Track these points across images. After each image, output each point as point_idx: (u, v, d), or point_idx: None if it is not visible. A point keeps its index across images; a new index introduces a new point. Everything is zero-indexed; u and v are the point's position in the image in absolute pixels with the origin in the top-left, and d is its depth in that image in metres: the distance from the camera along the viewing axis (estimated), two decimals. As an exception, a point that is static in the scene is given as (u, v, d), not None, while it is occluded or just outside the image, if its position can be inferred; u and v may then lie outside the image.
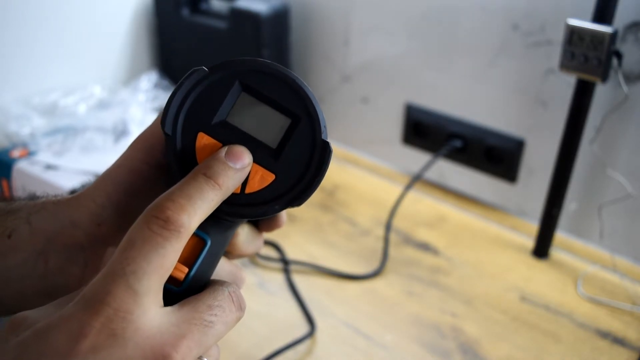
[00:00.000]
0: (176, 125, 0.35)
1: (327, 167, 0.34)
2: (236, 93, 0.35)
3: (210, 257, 0.35)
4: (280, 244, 0.86)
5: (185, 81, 0.35)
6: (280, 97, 0.35)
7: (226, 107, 0.35)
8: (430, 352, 0.69)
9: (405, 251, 0.86)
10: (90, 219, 0.39)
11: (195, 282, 0.34)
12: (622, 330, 0.72)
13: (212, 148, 0.34)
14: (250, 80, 0.35)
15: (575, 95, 0.74)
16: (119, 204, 0.39)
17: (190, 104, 0.35)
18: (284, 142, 0.35)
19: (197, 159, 0.34)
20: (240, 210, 0.34)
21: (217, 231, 0.35)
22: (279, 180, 0.34)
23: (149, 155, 0.39)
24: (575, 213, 0.87)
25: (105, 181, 0.40)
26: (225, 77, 0.35)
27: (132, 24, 1.13)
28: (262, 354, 0.68)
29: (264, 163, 0.35)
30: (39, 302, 0.39)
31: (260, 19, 0.99)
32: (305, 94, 0.35)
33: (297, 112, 0.35)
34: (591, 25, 0.70)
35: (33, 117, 0.97)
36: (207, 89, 0.35)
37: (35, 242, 0.39)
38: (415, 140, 1.02)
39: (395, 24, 0.97)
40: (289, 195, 0.34)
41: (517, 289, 0.79)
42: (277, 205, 0.34)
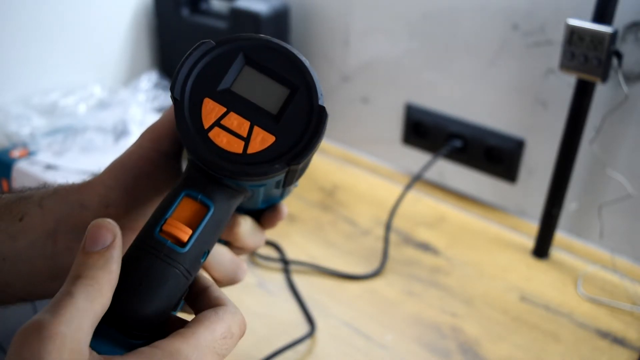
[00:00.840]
0: (184, 91, 0.37)
1: (324, 129, 0.36)
2: (240, 64, 0.38)
3: (213, 223, 0.37)
4: (280, 244, 0.86)
5: (193, 52, 0.38)
6: (281, 69, 0.37)
7: (231, 76, 0.37)
8: (430, 352, 0.69)
9: (405, 251, 0.86)
10: (99, 201, 0.41)
11: (199, 245, 0.36)
12: (622, 330, 0.72)
13: (217, 112, 0.36)
14: (254, 53, 0.38)
15: (575, 95, 0.74)
16: (127, 187, 0.41)
17: (198, 73, 0.37)
18: (283, 109, 0.37)
19: (203, 123, 0.36)
20: (243, 169, 0.36)
21: (221, 198, 0.37)
22: (279, 142, 0.36)
23: (158, 143, 0.41)
24: (575, 213, 0.87)
25: (115, 166, 0.42)
26: (230, 49, 0.38)
27: (132, 24, 1.13)
28: (262, 354, 0.68)
29: (265, 126, 0.36)
30: (47, 285, 0.41)
31: (260, 19, 0.99)
32: (304, 66, 0.37)
33: (296, 82, 0.37)
34: (591, 25, 0.70)
35: (33, 117, 0.97)
36: (214, 59, 0.38)
37: (45, 224, 0.40)
38: (415, 140, 1.02)
39: (395, 24, 0.97)
40: (289, 155, 0.36)
41: (517, 289, 0.79)
42: (278, 164, 0.36)
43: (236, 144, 0.36)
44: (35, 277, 0.40)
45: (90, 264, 0.31)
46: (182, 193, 0.37)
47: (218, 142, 0.36)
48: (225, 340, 0.34)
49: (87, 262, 0.31)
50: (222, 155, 0.36)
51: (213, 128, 0.36)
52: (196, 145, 0.36)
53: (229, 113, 0.36)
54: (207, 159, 0.35)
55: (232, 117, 0.36)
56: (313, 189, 1.00)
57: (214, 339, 0.33)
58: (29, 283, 0.41)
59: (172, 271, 0.34)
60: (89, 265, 0.31)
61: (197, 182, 0.37)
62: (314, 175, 1.04)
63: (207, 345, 0.33)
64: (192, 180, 0.37)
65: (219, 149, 0.36)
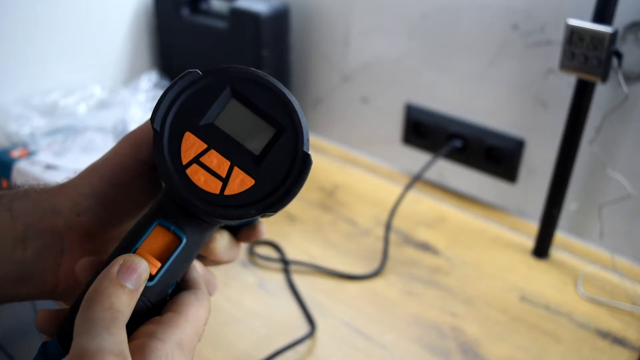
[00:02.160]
0: (165, 123, 0.35)
1: (305, 178, 0.35)
2: (226, 98, 0.36)
3: (184, 256, 0.36)
4: (280, 244, 0.86)
5: (178, 81, 0.36)
6: (268, 107, 0.36)
7: (215, 110, 0.36)
8: (430, 352, 0.69)
9: (405, 251, 0.86)
10: (71, 208, 0.40)
11: (167, 278, 0.35)
12: (622, 330, 0.72)
13: (197, 148, 0.35)
14: (241, 87, 0.36)
15: (575, 95, 0.74)
16: (102, 195, 0.40)
17: (181, 104, 0.36)
18: (266, 150, 0.36)
19: (182, 158, 0.35)
20: (217, 210, 0.35)
21: (193, 231, 0.36)
22: (258, 186, 0.35)
23: (137, 151, 0.40)
24: (575, 213, 0.87)
25: (91, 172, 0.40)
26: (217, 81, 0.36)
27: (132, 24, 1.13)
28: (262, 354, 0.68)
29: (245, 168, 0.35)
30: (14, 289, 0.40)
31: (260, 19, 0.99)
32: (292, 107, 0.36)
33: (283, 123, 0.36)
34: (591, 25, 0.70)
35: (33, 117, 0.97)
36: (199, 91, 0.36)
37: (14, 229, 0.39)
38: (415, 140, 1.02)
39: (395, 24, 0.97)
40: (266, 201, 0.35)
41: (517, 289, 0.79)
42: (254, 210, 0.35)
43: (214, 183, 0.35)
44: (2, 281, 0.39)
45: (133, 297, 0.33)
46: (155, 222, 0.36)
47: (195, 180, 0.35)
48: (204, 327, 0.36)
49: (132, 296, 0.33)
50: (198, 194, 0.35)
51: (191, 165, 0.35)
52: (172, 180, 0.35)
53: (209, 150, 0.35)
54: (182, 196, 0.34)
55: (212, 155, 0.35)
56: (313, 189, 1.00)
57: (200, 325, 0.35)
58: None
59: (137, 307, 0.34)
60: (131, 299, 0.33)
61: (171, 213, 0.36)
62: (314, 175, 1.04)
63: (195, 332, 0.35)
64: (166, 209, 0.36)
65: (196, 187, 0.35)
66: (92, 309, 0.31)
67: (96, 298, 0.31)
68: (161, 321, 0.34)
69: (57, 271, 0.40)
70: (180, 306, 0.35)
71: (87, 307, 0.31)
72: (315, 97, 1.13)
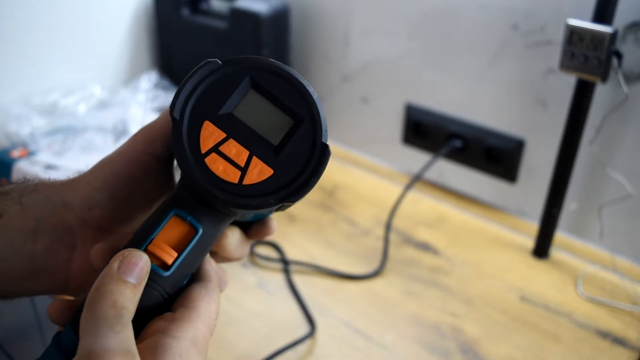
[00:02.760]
0: (184, 111, 0.35)
1: (324, 168, 0.35)
2: (245, 88, 0.36)
3: (199, 247, 0.36)
4: (280, 244, 0.86)
5: (198, 70, 0.36)
6: (287, 98, 0.36)
7: (234, 100, 0.36)
8: (430, 352, 0.69)
9: (405, 251, 0.86)
10: (83, 202, 0.39)
11: (182, 268, 0.35)
12: (622, 330, 0.72)
13: (216, 137, 0.35)
14: (261, 78, 0.36)
15: (575, 95, 0.74)
16: (114, 189, 0.40)
17: (200, 93, 0.36)
18: (285, 141, 0.36)
19: (201, 147, 0.35)
20: (236, 199, 0.35)
21: (210, 221, 0.36)
22: (277, 176, 0.35)
23: (150, 146, 0.40)
24: (575, 213, 0.87)
25: (103, 166, 0.40)
26: (237, 71, 0.36)
27: (132, 24, 1.13)
28: (262, 354, 0.68)
29: (264, 158, 0.35)
30: (25, 284, 0.40)
31: (260, 19, 0.99)
32: (311, 98, 0.36)
33: (302, 114, 0.36)
34: (591, 25, 0.70)
35: (33, 117, 0.97)
36: (218, 81, 0.36)
37: (25, 222, 0.39)
38: (415, 140, 1.02)
39: (395, 24, 0.97)
40: (285, 191, 0.35)
41: (517, 288, 0.79)
42: (272, 199, 0.35)
43: (232, 173, 0.35)
44: (12, 275, 0.39)
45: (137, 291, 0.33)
46: (172, 212, 0.36)
47: (214, 169, 0.35)
48: (216, 321, 0.36)
49: (136, 291, 0.33)
50: (217, 183, 0.34)
51: (210, 153, 0.35)
52: (191, 169, 0.35)
53: (229, 139, 0.35)
54: (201, 185, 0.34)
55: (231, 144, 0.35)
56: (313, 189, 1.00)
57: (211, 320, 0.35)
58: (6, 281, 0.39)
59: (152, 293, 0.34)
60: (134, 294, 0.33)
61: (188, 203, 0.36)
62: (314, 175, 1.04)
63: (208, 329, 0.34)
64: (182, 200, 0.36)
65: (214, 176, 0.35)
66: (96, 307, 0.31)
67: (99, 296, 0.31)
68: (174, 318, 0.34)
69: (68, 266, 0.40)
70: (191, 301, 0.35)
71: (90, 306, 0.31)
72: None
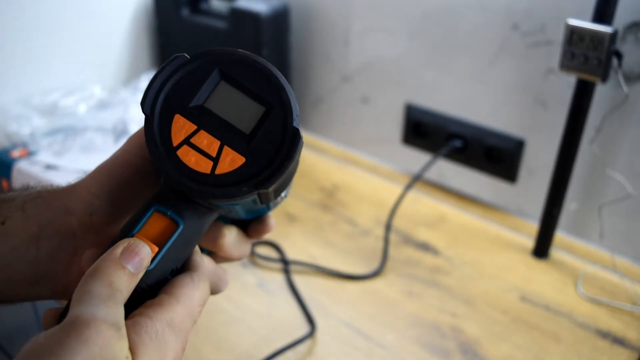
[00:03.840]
0: (154, 107, 0.36)
1: (296, 153, 0.35)
2: (215, 80, 0.37)
3: (182, 240, 0.36)
4: (280, 244, 0.86)
5: (166, 66, 0.37)
6: (257, 87, 0.36)
7: (204, 92, 0.36)
8: (430, 352, 0.69)
9: (405, 251, 0.86)
10: (84, 208, 0.40)
11: (165, 262, 0.35)
12: (622, 330, 0.72)
13: (187, 130, 0.36)
14: (229, 69, 0.37)
15: (575, 95, 0.74)
16: (112, 194, 0.40)
17: (170, 88, 0.36)
18: (257, 129, 0.36)
19: (172, 140, 0.35)
20: (209, 190, 0.35)
21: (191, 215, 0.36)
22: (249, 164, 0.35)
23: (143, 149, 0.40)
24: (575, 213, 0.87)
25: (100, 172, 0.41)
26: (205, 64, 0.37)
27: (132, 24, 1.13)
28: (262, 354, 0.68)
29: (235, 146, 0.35)
30: (28, 289, 0.40)
31: (260, 19, 0.99)
32: (281, 84, 0.36)
33: (272, 101, 0.36)
34: (591, 25, 0.70)
35: (33, 117, 0.97)
36: (187, 74, 0.37)
37: (28, 229, 0.39)
38: (415, 140, 1.02)
39: (395, 24, 0.97)
40: (257, 178, 0.35)
41: (517, 289, 0.79)
42: (245, 187, 0.35)
43: (204, 163, 0.35)
44: (15, 281, 0.40)
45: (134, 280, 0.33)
46: (152, 208, 0.36)
47: (186, 161, 0.35)
48: (199, 308, 0.36)
49: (132, 279, 0.33)
50: (190, 174, 0.35)
51: (182, 146, 0.35)
52: (163, 163, 0.35)
53: (199, 131, 0.35)
54: (174, 177, 0.35)
55: (202, 135, 0.35)
56: (313, 189, 1.00)
57: (193, 307, 0.35)
58: (9, 287, 0.40)
59: (134, 289, 0.34)
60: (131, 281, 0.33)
61: (168, 198, 0.36)
62: (314, 175, 1.04)
63: (188, 313, 0.35)
64: (163, 196, 0.36)
65: (187, 168, 0.35)
66: (90, 284, 0.31)
67: (96, 274, 0.32)
68: (153, 302, 0.34)
69: (69, 271, 0.40)
70: (173, 288, 0.35)
71: (85, 282, 0.31)
72: (315, 97, 1.13)
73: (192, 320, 0.35)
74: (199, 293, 0.36)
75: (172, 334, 0.33)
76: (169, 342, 0.32)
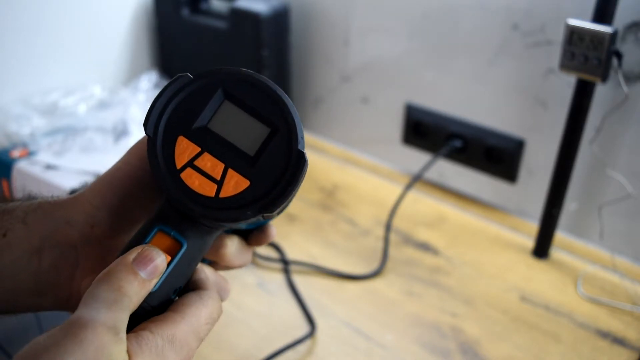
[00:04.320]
0: (158, 128, 0.35)
1: (301, 177, 0.35)
2: (218, 100, 0.36)
3: (185, 261, 0.36)
4: (280, 244, 0.86)
5: (169, 86, 0.36)
6: (261, 107, 0.36)
7: (208, 113, 0.36)
8: (430, 352, 0.69)
9: (405, 251, 0.86)
10: (85, 220, 0.40)
11: (169, 283, 0.35)
12: (622, 330, 0.72)
13: (190, 152, 0.35)
14: (234, 89, 0.36)
15: (575, 95, 0.74)
16: (114, 206, 0.40)
17: (173, 109, 0.36)
18: (261, 151, 0.35)
19: (176, 162, 0.35)
20: (213, 213, 0.35)
21: (194, 235, 0.36)
22: (253, 187, 0.35)
23: (144, 161, 0.40)
24: (575, 213, 0.87)
25: (101, 184, 0.40)
26: (209, 84, 0.36)
27: (132, 24, 1.13)
28: (262, 354, 0.68)
29: (240, 169, 0.35)
30: (30, 300, 0.40)
31: (260, 19, 0.99)
32: (286, 106, 0.36)
33: (277, 122, 0.36)
34: (591, 25, 0.70)
35: (33, 117, 0.97)
36: (191, 94, 0.36)
37: (30, 241, 0.39)
38: (415, 140, 1.02)
39: (395, 24, 0.97)
40: (262, 202, 0.34)
41: (517, 289, 0.79)
42: (249, 211, 0.34)
43: (208, 186, 0.35)
44: (18, 292, 0.40)
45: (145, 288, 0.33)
46: (156, 228, 0.36)
47: (190, 184, 0.35)
48: (207, 326, 0.36)
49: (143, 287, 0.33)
50: (194, 197, 0.34)
51: (186, 169, 0.35)
52: (167, 185, 0.35)
53: (203, 153, 0.35)
54: (178, 200, 0.34)
55: (206, 158, 0.35)
56: (313, 189, 1.00)
57: (200, 324, 0.35)
58: (12, 298, 0.40)
59: (139, 309, 0.34)
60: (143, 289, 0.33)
61: (171, 218, 0.36)
62: (314, 175, 1.04)
63: (193, 331, 0.34)
64: (166, 215, 0.36)
65: (191, 191, 0.34)
66: (99, 287, 0.31)
67: (106, 278, 0.32)
68: (157, 318, 0.34)
69: (71, 283, 0.40)
70: (180, 306, 0.35)
71: (94, 286, 0.32)
72: (315, 97, 1.13)
73: (198, 338, 0.35)
74: (207, 310, 0.36)
75: (172, 349, 0.33)
76: (169, 357, 0.32)
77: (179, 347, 0.33)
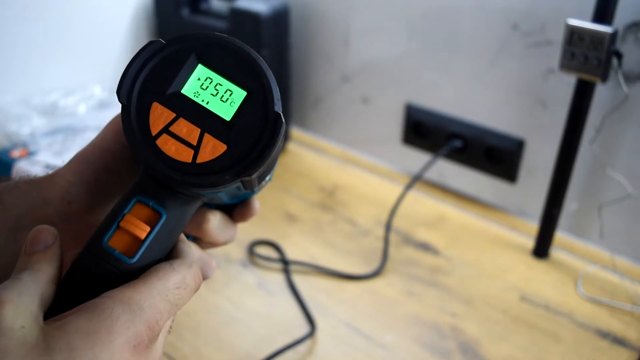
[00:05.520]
0: (131, 95, 0.35)
1: (278, 138, 0.34)
2: (192, 65, 0.35)
3: (165, 231, 0.35)
4: (280, 244, 0.86)
5: (142, 52, 0.35)
6: (236, 71, 0.35)
7: (182, 78, 0.35)
8: (430, 352, 0.69)
9: (405, 251, 0.86)
10: (62, 197, 0.40)
11: (149, 254, 0.35)
12: (622, 330, 0.72)
13: (165, 118, 0.34)
14: (207, 53, 0.35)
15: (575, 95, 0.74)
16: (91, 182, 0.40)
17: (146, 75, 0.35)
18: (238, 114, 0.35)
19: (151, 129, 0.34)
20: (190, 179, 0.34)
21: (173, 205, 0.35)
22: (231, 151, 0.34)
23: (121, 135, 0.39)
24: (575, 213, 0.87)
25: (78, 160, 0.40)
26: (182, 49, 0.35)
27: (132, 24, 1.13)
28: (262, 354, 0.68)
29: (216, 134, 0.34)
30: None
31: (260, 19, 0.99)
32: (260, 68, 0.35)
33: (252, 85, 0.35)
34: (591, 25, 0.70)
35: (33, 117, 0.97)
36: (164, 60, 0.35)
37: (6, 220, 0.39)
38: (415, 140, 1.02)
39: (395, 24, 0.97)
40: (240, 166, 0.34)
41: (517, 289, 0.79)
42: (228, 175, 0.34)
43: (185, 152, 0.34)
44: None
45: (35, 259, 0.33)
46: (134, 199, 0.35)
47: (166, 150, 0.34)
48: (178, 291, 0.34)
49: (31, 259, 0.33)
50: (170, 164, 0.34)
51: (161, 135, 0.34)
52: (143, 153, 0.34)
53: (178, 119, 0.34)
54: (155, 167, 0.34)
55: (182, 123, 0.34)
56: (313, 189, 1.00)
57: (167, 288, 0.34)
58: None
59: (115, 279, 0.33)
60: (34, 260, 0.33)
61: (150, 188, 0.35)
62: (314, 175, 1.04)
63: (159, 293, 0.33)
64: (144, 186, 0.35)
65: (167, 158, 0.34)
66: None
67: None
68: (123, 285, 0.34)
69: None
70: (146, 273, 0.34)
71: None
72: (315, 97, 1.13)
73: (166, 300, 0.34)
74: (178, 276, 0.35)
75: (128, 311, 0.31)
76: (121, 317, 0.31)
77: (137, 308, 0.32)
